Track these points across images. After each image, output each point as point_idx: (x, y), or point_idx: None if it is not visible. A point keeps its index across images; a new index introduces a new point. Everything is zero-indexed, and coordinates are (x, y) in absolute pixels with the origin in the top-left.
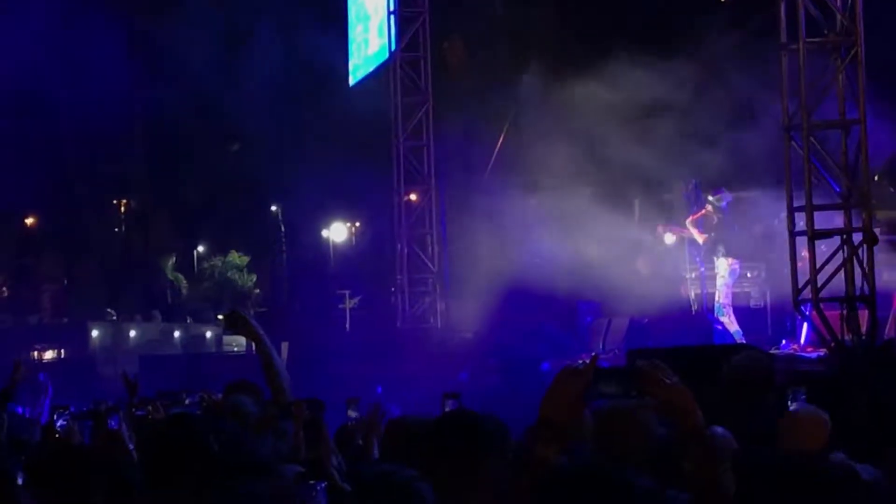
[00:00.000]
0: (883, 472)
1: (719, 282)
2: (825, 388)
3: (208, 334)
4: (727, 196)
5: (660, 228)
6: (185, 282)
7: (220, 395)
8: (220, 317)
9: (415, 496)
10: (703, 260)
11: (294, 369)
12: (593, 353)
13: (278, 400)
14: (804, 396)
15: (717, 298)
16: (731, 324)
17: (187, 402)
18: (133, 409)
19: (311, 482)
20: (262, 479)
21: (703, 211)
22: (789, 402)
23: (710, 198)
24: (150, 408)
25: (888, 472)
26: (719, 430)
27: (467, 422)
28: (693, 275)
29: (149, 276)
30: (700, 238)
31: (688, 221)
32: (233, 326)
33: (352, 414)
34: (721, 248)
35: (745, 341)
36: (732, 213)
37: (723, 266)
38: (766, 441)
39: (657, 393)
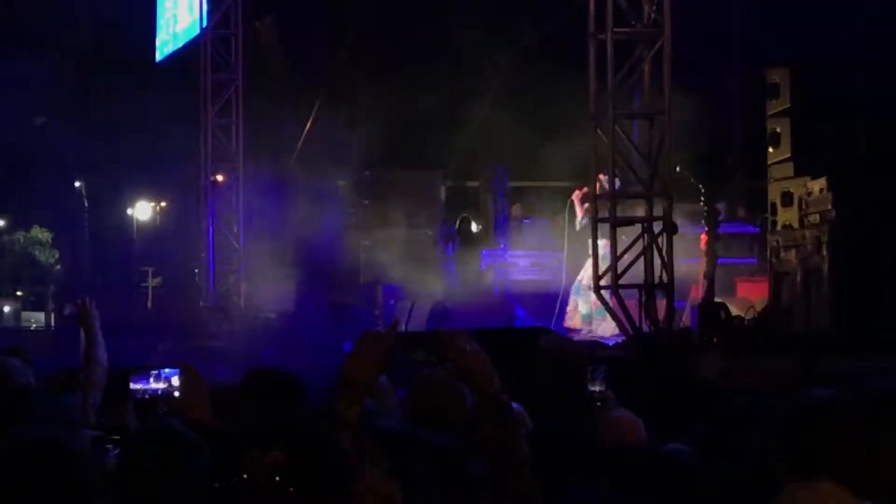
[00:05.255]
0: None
1: (601, 262)
2: (623, 370)
3: (6, 309)
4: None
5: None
6: None
7: None
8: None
9: (190, 450)
10: (506, 246)
11: None
12: (395, 319)
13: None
14: (603, 375)
15: (579, 277)
16: (585, 304)
17: None
18: None
19: (108, 446)
20: (69, 432)
21: (587, 189)
22: (588, 382)
23: (601, 176)
24: None
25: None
26: (514, 405)
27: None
28: (498, 261)
29: None
30: (580, 212)
31: (574, 196)
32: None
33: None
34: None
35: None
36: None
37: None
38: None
39: (456, 357)
